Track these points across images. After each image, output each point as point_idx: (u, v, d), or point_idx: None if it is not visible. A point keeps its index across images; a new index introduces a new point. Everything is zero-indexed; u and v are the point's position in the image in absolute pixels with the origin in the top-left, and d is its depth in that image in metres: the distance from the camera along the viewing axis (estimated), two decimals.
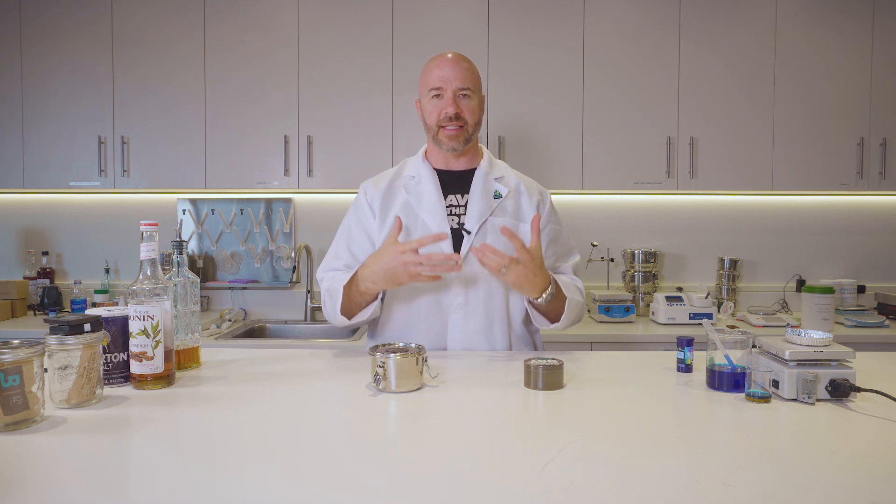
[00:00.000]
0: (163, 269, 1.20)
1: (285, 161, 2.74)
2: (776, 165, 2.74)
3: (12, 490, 0.71)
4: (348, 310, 1.46)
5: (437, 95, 1.49)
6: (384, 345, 1.21)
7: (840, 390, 1.04)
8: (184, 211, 3.05)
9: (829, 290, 2.50)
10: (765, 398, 1.05)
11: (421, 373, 1.15)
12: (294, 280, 2.83)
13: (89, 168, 2.78)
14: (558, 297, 1.43)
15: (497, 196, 1.56)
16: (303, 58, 2.74)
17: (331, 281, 1.51)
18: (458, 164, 1.58)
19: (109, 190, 2.84)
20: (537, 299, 1.41)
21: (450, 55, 1.52)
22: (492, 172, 1.59)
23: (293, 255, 2.93)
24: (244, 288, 3.04)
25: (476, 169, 1.58)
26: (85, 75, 2.78)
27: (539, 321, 1.50)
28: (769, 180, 2.74)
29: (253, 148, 2.76)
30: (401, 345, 1.21)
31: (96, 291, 2.88)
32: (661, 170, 2.74)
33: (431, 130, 1.53)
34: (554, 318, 1.48)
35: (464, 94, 1.50)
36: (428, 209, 1.52)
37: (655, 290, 2.90)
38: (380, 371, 1.12)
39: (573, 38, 2.73)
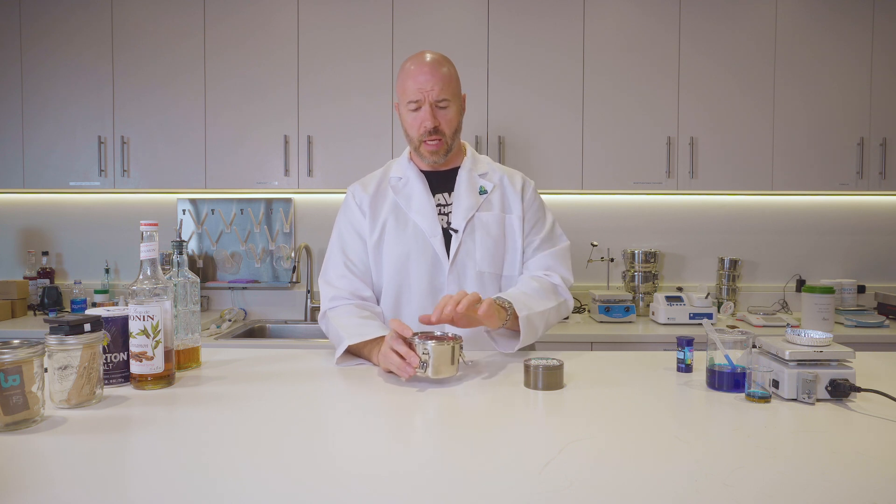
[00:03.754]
0: (163, 269, 1.20)
1: (285, 161, 2.74)
2: (776, 165, 2.74)
3: (12, 490, 0.71)
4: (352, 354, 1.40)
5: (416, 109, 1.46)
6: (419, 333, 1.21)
7: (840, 390, 1.04)
8: (184, 211, 3.05)
9: (829, 290, 2.50)
10: (765, 398, 1.05)
11: (457, 360, 1.18)
12: (294, 280, 2.83)
13: (89, 168, 2.78)
14: (514, 318, 1.36)
15: (483, 192, 1.55)
16: (303, 58, 2.74)
17: (339, 320, 1.42)
18: (443, 164, 1.57)
19: (109, 190, 2.84)
20: (499, 328, 1.35)
21: (426, 59, 1.46)
22: (475, 169, 1.58)
23: (293, 255, 2.92)
24: (244, 288, 3.04)
25: (460, 168, 1.58)
26: (85, 75, 2.78)
27: (504, 347, 1.42)
28: (769, 180, 2.74)
29: (253, 148, 2.76)
30: (437, 333, 1.23)
31: (96, 291, 2.88)
32: (661, 170, 2.74)
33: (413, 143, 1.52)
34: (515, 340, 1.41)
35: (441, 106, 1.46)
36: (418, 210, 1.51)
37: (655, 290, 2.90)
38: (425, 357, 1.14)
39: (573, 38, 2.73)
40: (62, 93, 2.78)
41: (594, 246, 2.98)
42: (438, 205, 1.54)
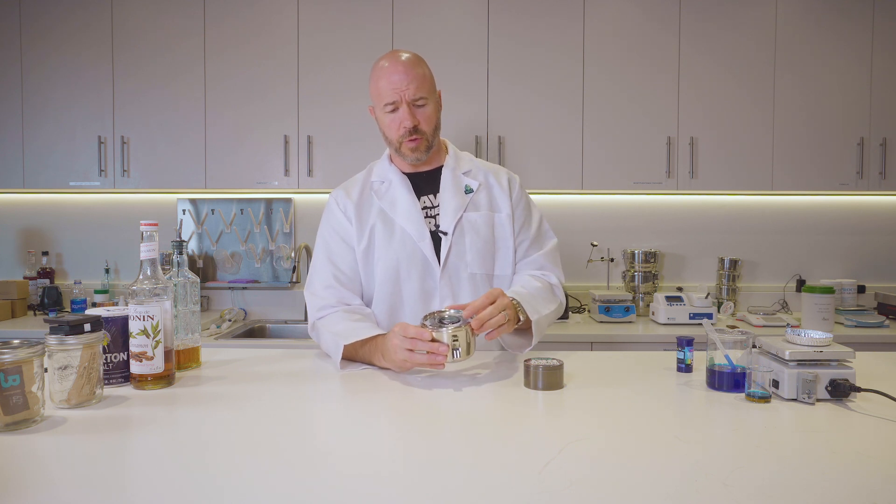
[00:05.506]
0: (163, 269, 1.20)
1: (285, 161, 2.74)
2: (776, 165, 2.74)
3: (12, 490, 0.71)
4: (350, 360, 1.38)
5: (393, 110, 1.43)
6: (429, 317, 1.22)
7: (840, 390, 1.04)
8: (184, 211, 3.05)
9: (829, 290, 2.50)
10: (765, 398, 1.05)
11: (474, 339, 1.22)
12: (294, 280, 2.83)
13: (89, 168, 2.78)
14: (525, 320, 1.35)
15: (468, 191, 1.52)
16: (303, 58, 2.74)
17: (332, 326, 1.39)
18: (425, 165, 1.54)
19: (109, 190, 2.84)
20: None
21: (398, 60, 1.43)
22: (459, 167, 1.55)
23: (293, 255, 2.93)
24: (244, 288, 3.04)
25: (443, 167, 1.55)
26: (85, 75, 2.78)
27: (513, 347, 1.44)
28: (769, 180, 2.74)
29: (253, 148, 2.76)
30: (445, 314, 1.23)
31: (96, 291, 2.88)
32: (661, 170, 2.74)
33: (393, 144, 1.49)
34: (525, 340, 1.42)
35: (419, 104, 1.43)
36: (404, 214, 1.48)
37: (655, 290, 2.90)
38: (455, 343, 1.16)
39: (573, 38, 2.73)
40: (62, 93, 2.78)
41: (594, 246, 2.98)
42: (424, 207, 1.51)
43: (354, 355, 1.35)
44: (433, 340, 1.17)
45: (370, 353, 1.32)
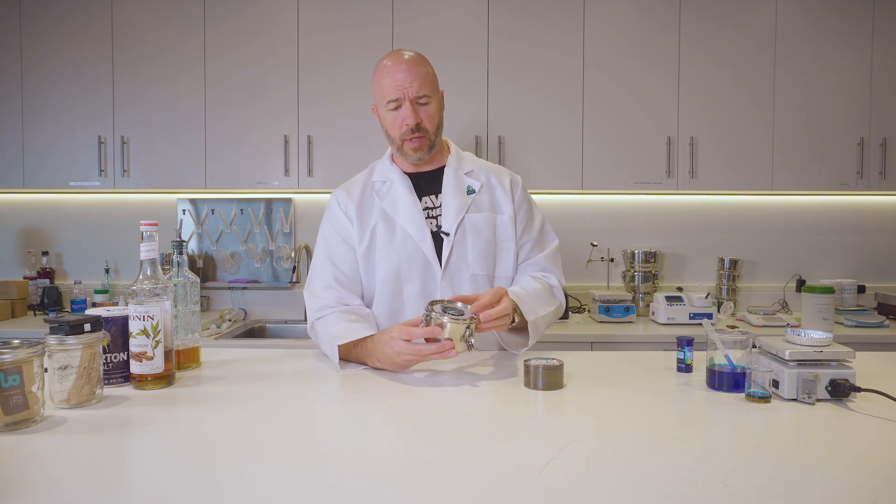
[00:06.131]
0: (163, 269, 1.20)
1: (285, 161, 2.74)
2: (776, 165, 2.74)
3: (12, 490, 0.71)
4: (346, 361, 1.38)
5: (396, 108, 1.44)
6: (433, 305, 1.21)
7: (840, 390, 1.04)
8: (184, 211, 3.05)
9: (829, 290, 2.50)
10: (765, 398, 1.05)
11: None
12: (294, 280, 2.83)
13: (89, 168, 2.78)
14: (521, 319, 1.35)
15: (470, 192, 1.52)
16: (303, 58, 2.74)
17: (329, 328, 1.39)
18: (427, 165, 1.54)
19: (109, 190, 2.84)
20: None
21: (402, 58, 1.43)
22: (461, 168, 1.55)
23: (293, 255, 2.93)
24: (244, 288, 3.04)
25: (445, 167, 1.55)
26: (85, 75, 2.78)
27: (510, 346, 1.44)
28: (769, 180, 2.74)
29: (253, 148, 2.76)
30: (455, 305, 1.23)
31: (96, 291, 2.88)
32: (661, 170, 2.74)
33: (395, 143, 1.48)
34: (522, 339, 1.42)
35: (422, 102, 1.44)
36: (405, 215, 1.48)
37: (655, 290, 2.90)
38: (467, 335, 1.18)
39: (573, 38, 2.73)
40: (62, 93, 2.78)
41: (594, 246, 2.98)
42: (426, 208, 1.51)
43: (347, 356, 1.35)
44: (432, 337, 1.18)
45: (362, 355, 1.32)
